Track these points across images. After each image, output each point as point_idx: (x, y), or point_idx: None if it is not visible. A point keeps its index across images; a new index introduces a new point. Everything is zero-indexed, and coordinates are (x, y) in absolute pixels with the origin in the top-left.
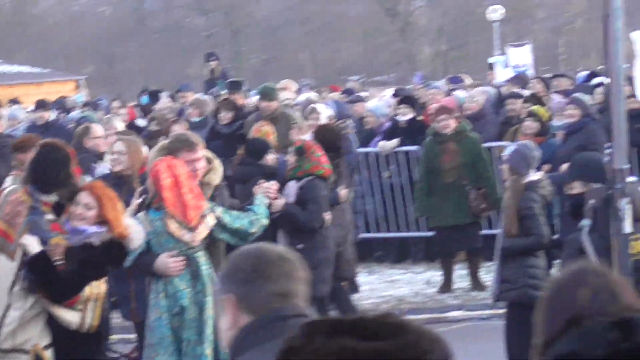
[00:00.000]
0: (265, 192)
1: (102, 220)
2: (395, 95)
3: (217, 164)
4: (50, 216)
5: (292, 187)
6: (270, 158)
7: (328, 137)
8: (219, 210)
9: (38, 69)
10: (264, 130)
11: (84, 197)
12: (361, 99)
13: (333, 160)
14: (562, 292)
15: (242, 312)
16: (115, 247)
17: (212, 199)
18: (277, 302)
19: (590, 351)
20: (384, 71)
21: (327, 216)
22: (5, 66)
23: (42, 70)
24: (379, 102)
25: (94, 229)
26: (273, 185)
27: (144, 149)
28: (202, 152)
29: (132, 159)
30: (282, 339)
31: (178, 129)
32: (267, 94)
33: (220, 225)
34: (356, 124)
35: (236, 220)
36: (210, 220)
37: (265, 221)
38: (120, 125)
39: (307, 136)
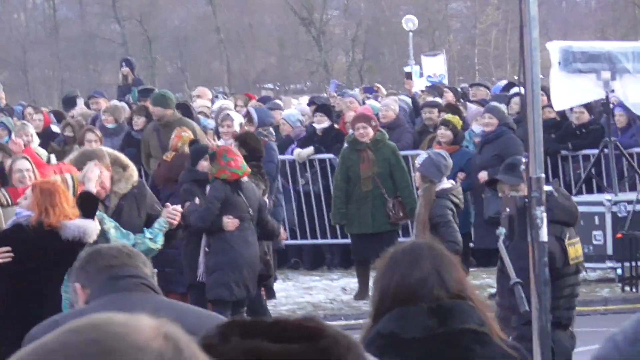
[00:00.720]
0: (169, 215)
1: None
2: (310, 103)
3: (132, 170)
4: None
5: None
6: (204, 165)
7: (250, 144)
8: (109, 225)
9: None
10: (185, 136)
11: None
12: (279, 107)
13: (258, 167)
14: (395, 270)
15: (85, 291)
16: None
17: (120, 207)
18: (105, 272)
19: (408, 333)
20: (299, 80)
21: (227, 219)
22: None
23: None
24: (294, 109)
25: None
26: (178, 208)
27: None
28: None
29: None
30: (116, 294)
31: (91, 136)
32: (160, 102)
33: (105, 237)
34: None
35: (122, 238)
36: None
37: (153, 245)
38: (33, 131)
39: (223, 143)
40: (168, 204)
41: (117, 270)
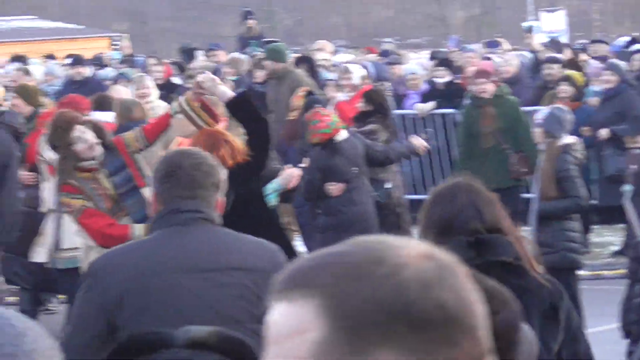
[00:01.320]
0: (286, 178)
1: None
2: (431, 58)
3: None
4: None
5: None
6: None
7: (376, 100)
8: None
9: (72, 25)
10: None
11: None
12: (399, 61)
13: (383, 120)
14: (436, 205)
15: (157, 203)
16: None
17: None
18: (177, 201)
19: None
20: (416, 34)
21: (330, 187)
22: (39, 22)
23: (76, 27)
24: (415, 64)
25: None
26: (295, 171)
27: None
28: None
29: None
30: (176, 227)
31: None
32: (273, 55)
33: None
34: (393, 86)
35: None
36: None
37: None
38: (151, 83)
39: (343, 96)
40: (287, 166)
41: (181, 205)
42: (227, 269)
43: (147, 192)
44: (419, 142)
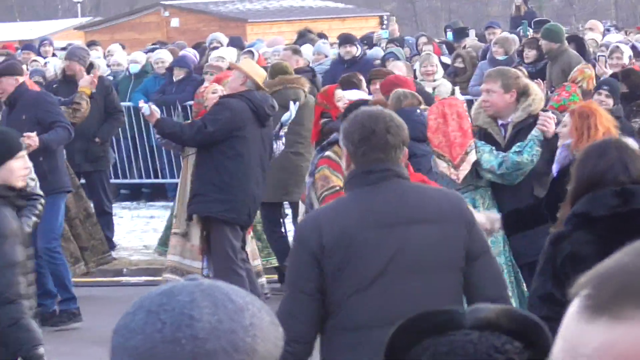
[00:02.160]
0: (543, 123)
1: None
2: None
3: (533, 99)
4: None
5: None
6: None
7: (635, 80)
8: (481, 150)
9: (342, 5)
10: (587, 73)
11: None
12: None
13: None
14: (586, 160)
15: (351, 163)
16: None
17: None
18: (371, 163)
19: (596, 212)
20: None
21: None
22: (309, 1)
23: (345, 6)
24: None
25: None
26: (550, 115)
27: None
28: None
29: None
30: (371, 187)
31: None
32: (549, 35)
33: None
34: None
35: (487, 162)
36: (472, 157)
37: (519, 158)
38: (437, 61)
39: (610, 72)
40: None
41: (374, 166)
42: (416, 221)
43: None
44: None
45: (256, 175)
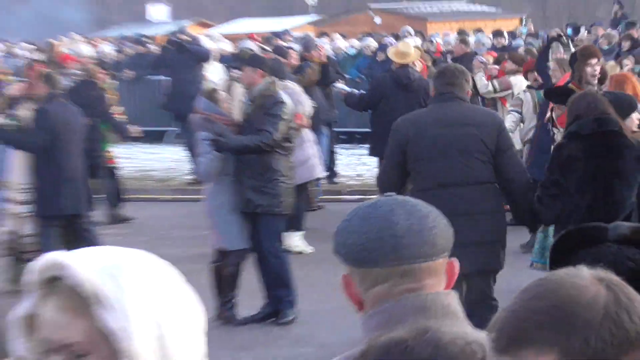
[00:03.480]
0: None
1: None
2: None
3: None
4: None
5: None
6: None
7: None
8: None
9: (494, 9)
10: None
11: None
12: None
13: None
14: (580, 102)
15: (433, 90)
16: None
17: None
18: (443, 88)
19: (583, 131)
20: None
21: None
22: (470, 6)
23: (496, 10)
24: None
25: None
26: None
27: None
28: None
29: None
30: (441, 102)
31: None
32: None
33: None
34: None
35: None
36: None
37: None
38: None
39: None
40: None
41: (444, 90)
42: (465, 124)
43: None
44: None
45: None
